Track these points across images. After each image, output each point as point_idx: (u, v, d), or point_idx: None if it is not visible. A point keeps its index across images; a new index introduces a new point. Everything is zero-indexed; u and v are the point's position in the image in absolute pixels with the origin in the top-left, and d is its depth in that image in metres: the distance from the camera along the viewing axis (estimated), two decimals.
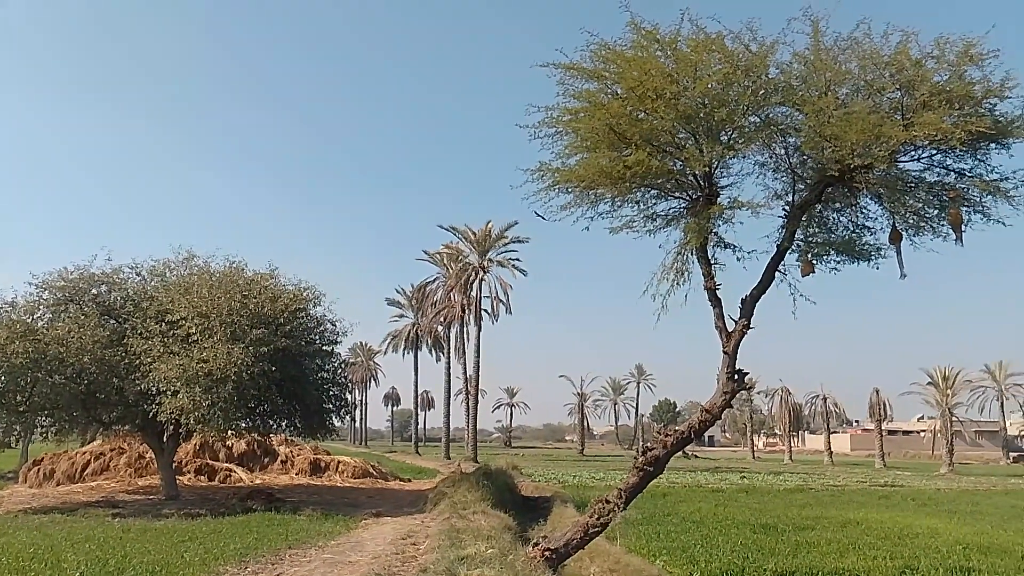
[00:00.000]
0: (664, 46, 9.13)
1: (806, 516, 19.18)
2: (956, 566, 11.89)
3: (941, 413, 62.72)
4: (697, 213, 9.78)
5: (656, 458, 9.98)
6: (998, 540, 15.15)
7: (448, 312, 55.24)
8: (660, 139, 9.45)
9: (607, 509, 9.76)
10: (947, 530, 16.79)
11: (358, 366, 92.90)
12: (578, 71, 9.46)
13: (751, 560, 12.10)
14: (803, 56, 9.28)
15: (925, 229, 9.70)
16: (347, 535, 14.63)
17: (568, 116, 9.70)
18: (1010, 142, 9.06)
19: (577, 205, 10.35)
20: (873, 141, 8.51)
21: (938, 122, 8.19)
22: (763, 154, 10.10)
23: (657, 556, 12.28)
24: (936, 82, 8.71)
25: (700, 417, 10.17)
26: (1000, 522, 18.97)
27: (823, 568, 11.63)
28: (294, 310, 20.13)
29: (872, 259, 10.11)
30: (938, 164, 9.46)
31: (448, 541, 12.00)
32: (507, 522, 14.67)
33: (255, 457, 30.64)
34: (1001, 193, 9.14)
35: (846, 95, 9.17)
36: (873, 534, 15.84)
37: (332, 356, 22.84)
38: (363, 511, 18.62)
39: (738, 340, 9.78)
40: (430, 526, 15.48)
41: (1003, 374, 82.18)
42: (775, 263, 9.93)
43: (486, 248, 53.39)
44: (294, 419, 21.96)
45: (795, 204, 9.98)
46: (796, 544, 14.07)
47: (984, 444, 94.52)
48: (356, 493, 25.02)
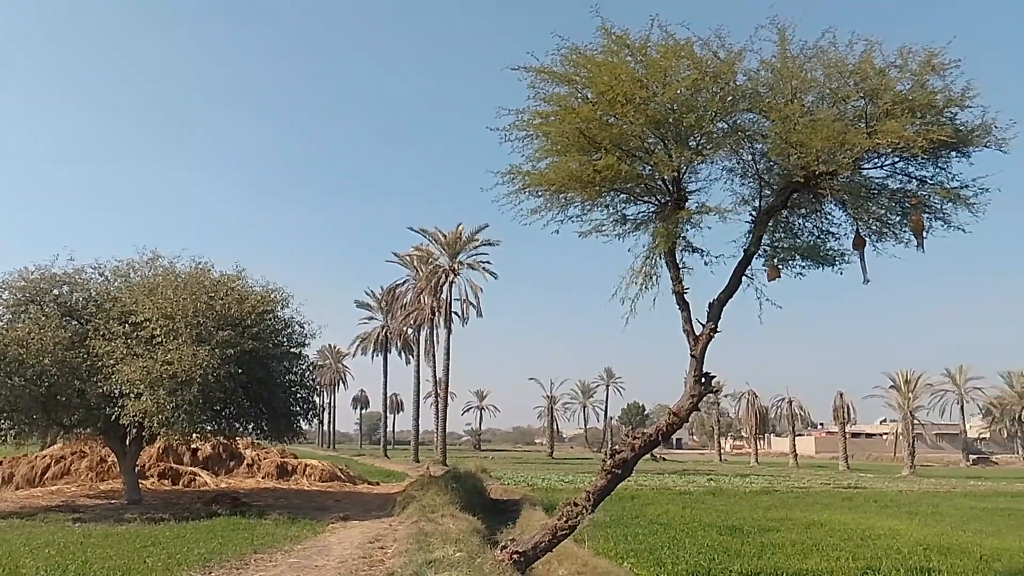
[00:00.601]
0: (634, 51, 9.19)
1: (771, 518, 19.41)
2: (916, 567, 12.09)
3: (903, 416, 63.89)
4: (666, 217, 9.85)
5: (624, 461, 10.02)
6: (957, 541, 15.45)
7: (418, 314, 55.04)
8: (630, 144, 9.51)
9: (575, 512, 9.78)
10: (908, 531, 17.09)
11: (326, 369, 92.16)
12: (549, 75, 9.49)
13: (717, 562, 12.21)
14: (770, 64, 9.41)
15: (888, 235, 9.88)
16: (314, 539, 14.51)
17: (539, 119, 9.72)
18: (970, 150, 9.25)
19: (547, 208, 10.37)
20: (837, 148, 8.65)
21: (901, 130, 8.34)
22: (731, 160, 10.21)
23: (624, 558, 12.34)
24: (899, 91, 8.88)
25: (668, 420, 10.24)
26: (960, 523, 19.36)
27: (787, 569, 11.78)
28: (261, 312, 19.94)
29: (836, 264, 10.28)
30: (900, 171, 9.64)
31: (416, 545, 11.95)
32: (476, 525, 14.65)
33: (220, 460, 30.27)
34: (961, 200, 9.33)
35: (812, 103, 9.30)
36: (836, 535, 16.07)
37: (300, 358, 22.68)
38: (330, 515, 18.47)
39: (705, 344, 9.87)
40: (398, 530, 15.41)
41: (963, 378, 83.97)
42: (742, 268, 10.03)
43: (456, 250, 53.31)
44: (261, 422, 21.76)
45: (762, 209, 10.09)
46: (761, 545, 14.23)
47: (945, 447, 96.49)
48: (323, 497, 24.82)
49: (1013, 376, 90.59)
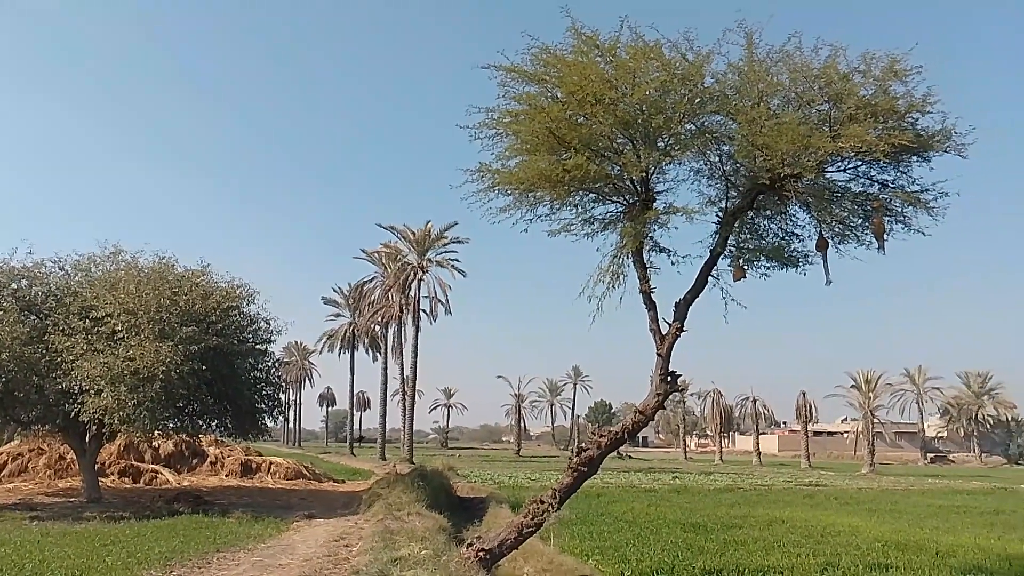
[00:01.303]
0: (604, 52, 9.25)
1: (734, 515, 19.64)
2: (875, 563, 12.33)
3: (863, 415, 65.11)
4: (634, 218, 9.92)
5: (590, 459, 10.09)
6: (914, 537, 15.77)
7: (386, 312, 54.77)
8: (599, 144, 9.58)
9: (541, 509, 9.83)
10: (867, 528, 17.41)
11: (292, 365, 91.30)
12: (519, 74, 9.51)
13: (680, 559, 12.33)
14: (737, 67, 9.53)
15: (850, 237, 10.07)
16: (278, 538, 14.39)
17: (509, 118, 9.74)
18: (930, 155, 9.46)
19: (516, 207, 10.40)
20: (802, 151, 8.79)
21: (864, 134, 8.50)
22: (698, 161, 10.32)
23: (590, 556, 12.41)
24: (862, 96, 9.05)
25: (634, 418, 10.32)
26: (917, 520, 19.77)
27: (749, 565, 11.93)
28: (226, 308, 19.70)
29: (800, 265, 10.46)
30: (863, 175, 9.83)
31: (382, 542, 11.91)
32: (442, 523, 14.63)
33: (183, 458, 29.88)
34: (921, 204, 9.54)
35: (777, 106, 9.44)
36: (798, 532, 16.32)
37: (265, 355, 22.45)
38: (295, 513, 18.33)
39: (671, 343, 9.97)
40: (364, 528, 15.34)
41: (922, 378, 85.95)
42: (708, 268, 10.15)
43: (425, 248, 53.13)
44: (225, 419, 21.52)
45: (728, 211, 10.22)
46: (724, 542, 14.40)
47: (903, 445, 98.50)
48: (288, 495, 24.60)
49: (970, 376, 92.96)
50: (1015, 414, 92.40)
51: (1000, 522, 19.90)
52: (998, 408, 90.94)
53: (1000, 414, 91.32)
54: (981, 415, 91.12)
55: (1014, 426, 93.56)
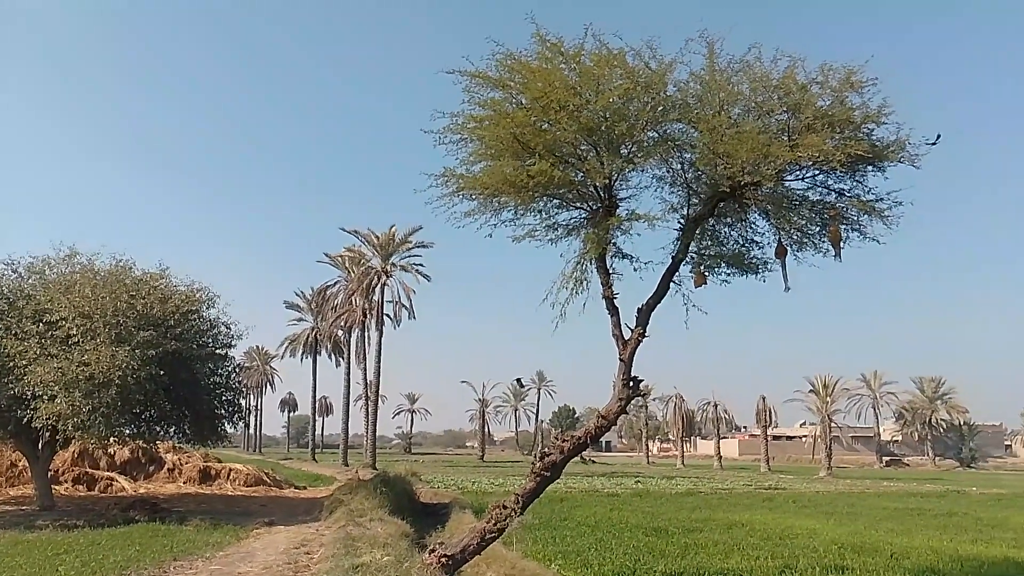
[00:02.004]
0: (568, 59, 9.31)
1: (695, 519, 19.85)
2: (831, 565, 12.54)
3: (821, 419, 66.34)
4: (597, 224, 9.97)
5: (553, 463, 10.11)
6: (870, 540, 16.09)
7: (349, 316, 54.38)
8: (563, 150, 9.62)
9: (504, 515, 9.81)
10: (824, 530, 17.71)
11: (253, 370, 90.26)
12: (484, 79, 9.52)
13: (642, 562, 12.42)
14: (699, 76, 9.64)
15: (808, 245, 10.24)
16: (237, 545, 14.18)
17: (473, 124, 9.73)
18: (885, 165, 9.65)
19: (481, 212, 10.39)
20: (762, 160, 8.92)
21: (821, 144, 8.66)
22: (661, 168, 10.40)
23: (553, 560, 12.45)
24: (820, 106, 9.21)
25: (596, 423, 10.36)
26: (873, 523, 20.17)
27: (709, 568, 12.06)
28: (185, 312, 19.41)
29: (759, 272, 10.59)
30: (820, 184, 10.00)
31: (343, 549, 11.82)
32: (404, 529, 14.57)
33: (139, 465, 29.33)
34: (876, 213, 9.75)
35: (738, 115, 9.56)
36: (757, 535, 16.54)
37: (226, 360, 22.15)
38: (255, 520, 18.08)
39: (634, 348, 10.03)
40: (325, 534, 15.21)
41: (877, 383, 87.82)
42: (670, 274, 10.23)
43: (389, 252, 52.89)
44: (183, 425, 21.16)
45: (689, 217, 10.32)
46: (685, 546, 14.54)
47: (860, 449, 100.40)
48: (248, 502, 24.27)
49: (924, 381, 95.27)
50: (967, 418, 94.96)
51: (952, 524, 20.38)
52: (951, 412, 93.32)
53: (953, 418, 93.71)
54: (935, 419, 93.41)
55: (966, 430, 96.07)
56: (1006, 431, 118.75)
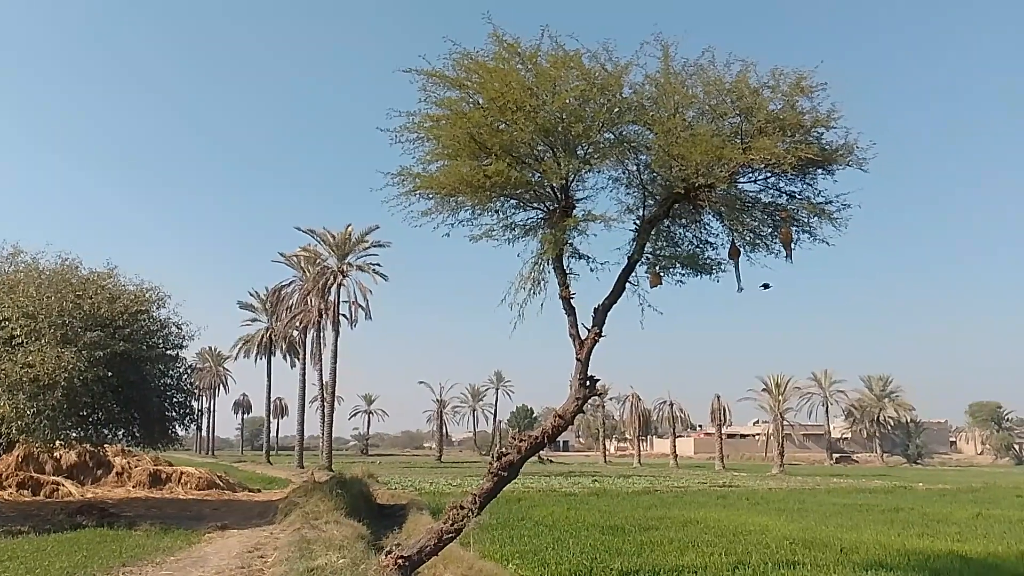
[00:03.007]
0: (525, 60, 9.34)
1: (651, 517, 20.02)
2: (783, 560, 12.75)
3: (774, 418, 67.59)
4: (554, 224, 10.03)
5: (510, 463, 10.13)
6: (820, 535, 16.40)
7: (304, 316, 53.76)
8: (519, 150, 9.65)
9: (461, 515, 9.80)
10: (776, 527, 18.01)
11: (206, 372, 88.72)
12: (441, 79, 9.51)
13: (598, 560, 12.49)
14: (654, 78, 9.76)
15: (760, 246, 10.45)
16: (188, 550, 13.90)
17: (430, 123, 9.73)
18: (834, 168, 9.90)
19: (438, 212, 10.38)
20: (715, 162, 9.07)
21: (772, 147, 8.84)
22: (616, 170, 10.51)
23: (510, 560, 12.45)
24: (771, 110, 9.41)
25: (553, 422, 10.41)
26: (823, 518, 20.57)
27: (665, 565, 12.17)
28: (135, 312, 18.98)
29: (713, 273, 10.77)
30: (772, 186, 10.21)
31: (298, 552, 11.67)
32: (361, 531, 14.44)
33: (87, 469, 28.56)
34: (826, 215, 9.99)
35: (692, 118, 9.70)
36: (711, 532, 16.75)
37: (176, 361, 21.71)
38: (207, 524, 17.74)
39: (590, 348, 10.10)
40: (279, 538, 14.99)
41: (828, 381, 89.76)
42: (626, 274, 10.34)
43: (346, 251, 52.41)
44: (132, 428, 20.67)
45: (645, 219, 10.43)
46: (641, 544, 14.65)
47: (811, 446, 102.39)
48: (200, 505, 23.81)
49: (872, 380, 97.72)
50: (914, 416, 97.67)
51: (899, 519, 20.88)
52: (898, 410, 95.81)
53: (900, 416, 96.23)
54: (882, 417, 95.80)
55: (913, 427, 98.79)
56: (951, 428, 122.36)
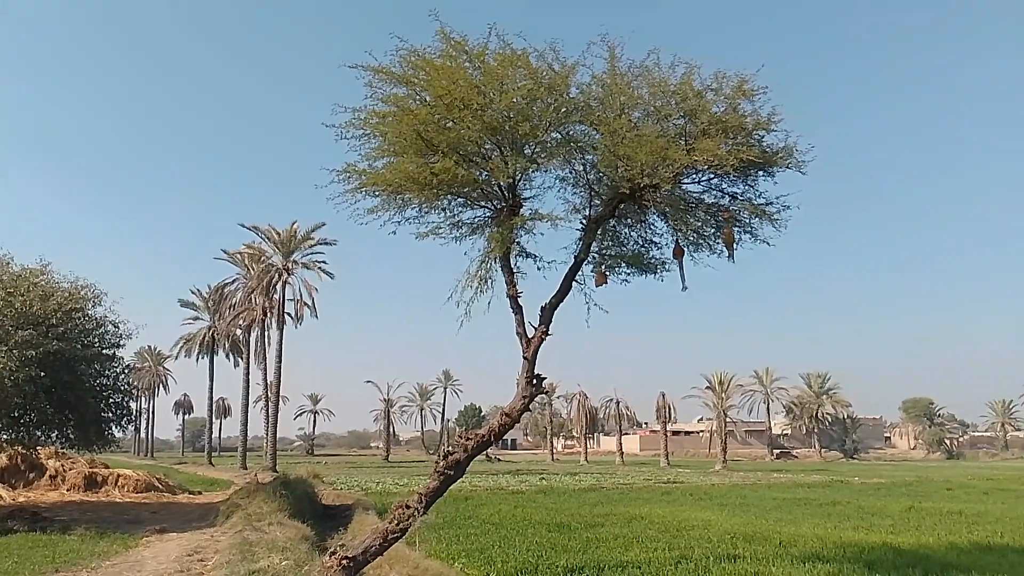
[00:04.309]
0: (472, 58, 9.33)
1: (597, 514, 20.22)
2: (724, 554, 13.01)
3: (717, 415, 68.88)
4: (501, 223, 10.04)
5: (457, 462, 10.09)
6: (761, 529, 16.78)
7: (248, 315, 52.75)
8: (467, 148, 9.63)
9: (407, 514, 9.74)
10: (719, 521, 18.36)
11: (145, 372, 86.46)
12: (387, 75, 9.43)
13: (545, 558, 12.56)
14: (601, 79, 9.86)
15: (703, 246, 10.65)
16: (125, 554, 13.53)
17: (376, 119, 9.64)
18: (775, 170, 10.16)
19: (384, 209, 10.30)
20: (660, 163, 9.20)
21: (715, 149, 9.02)
22: (563, 169, 10.59)
23: (456, 559, 12.43)
24: (714, 112, 9.59)
25: (500, 420, 10.42)
26: (763, 513, 21.05)
27: (610, 561, 12.30)
28: (69, 310, 18.40)
29: (658, 272, 10.95)
30: (715, 187, 10.42)
31: (239, 555, 11.47)
32: (305, 532, 14.27)
33: (18, 472, 27.49)
34: (767, 216, 10.24)
35: (638, 119, 9.82)
36: (655, 528, 16.99)
37: (113, 360, 21.13)
38: (145, 528, 17.28)
39: (537, 346, 10.14)
40: (220, 540, 14.70)
41: (769, 379, 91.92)
42: (572, 273, 10.42)
43: (291, 249, 51.58)
44: (66, 430, 20.04)
45: (591, 218, 10.53)
46: (587, 540, 14.79)
47: (753, 442, 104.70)
48: (138, 509, 23.18)
49: (811, 377, 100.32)
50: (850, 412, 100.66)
51: (836, 512, 21.49)
52: (835, 407, 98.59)
53: (837, 412, 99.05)
54: (821, 413, 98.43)
55: (849, 423, 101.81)
56: (885, 424, 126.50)
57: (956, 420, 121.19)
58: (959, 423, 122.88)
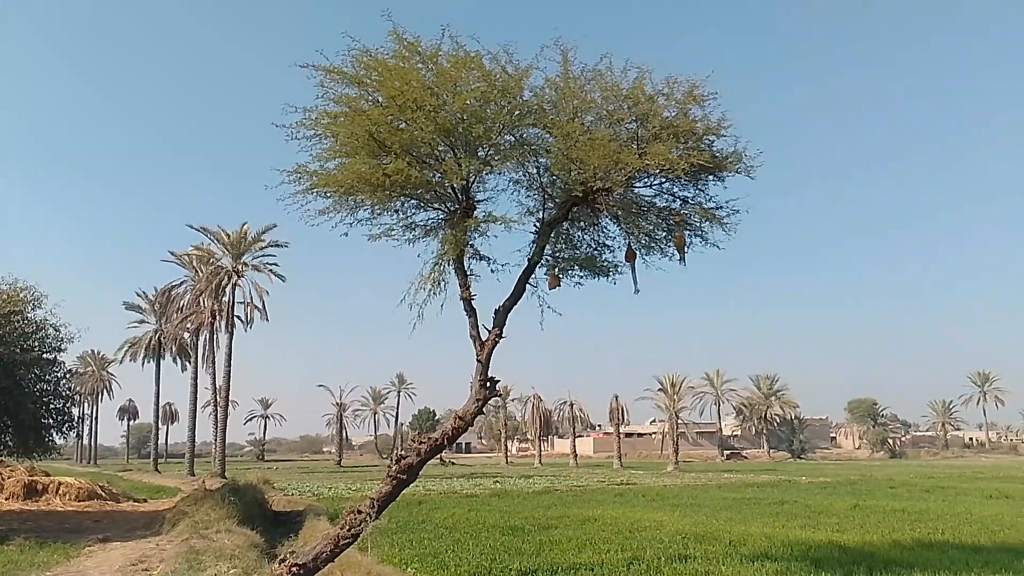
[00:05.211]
0: (425, 59, 9.30)
1: (551, 516, 20.26)
2: (676, 554, 13.14)
3: (669, 417, 69.71)
4: (454, 225, 10.02)
5: (410, 466, 10.02)
6: (711, 529, 17.01)
7: (197, 318, 51.67)
8: (420, 150, 9.59)
9: (358, 520, 9.63)
10: (670, 522, 18.55)
11: (88, 376, 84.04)
12: (339, 75, 9.34)
13: (498, 561, 12.53)
14: (554, 82, 9.91)
15: (655, 249, 10.79)
16: (66, 564, 13.14)
17: (328, 120, 9.54)
18: (724, 175, 10.35)
19: (336, 210, 10.20)
20: (612, 166, 9.28)
21: (667, 153, 9.13)
22: (517, 172, 10.64)
23: (409, 563, 12.34)
24: (666, 117, 9.72)
25: (453, 424, 10.38)
26: (713, 513, 21.34)
27: (563, 563, 12.33)
28: (7, 313, 17.91)
29: (611, 275, 11.04)
30: (667, 191, 10.57)
31: (186, 564, 11.21)
32: (254, 539, 14.02)
33: None
34: (716, 220, 10.42)
35: (591, 122, 9.90)
36: (608, 529, 17.09)
37: (54, 365, 20.55)
38: (88, 537, 16.80)
39: (491, 349, 10.13)
40: (166, 549, 14.37)
41: (720, 381, 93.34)
42: (526, 276, 10.44)
43: (241, 251, 50.66)
44: (4, 436, 19.48)
45: (545, 221, 10.58)
46: (540, 543, 14.80)
47: (704, 443, 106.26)
48: (80, 517, 22.52)
49: (760, 379, 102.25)
50: (798, 412, 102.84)
51: (784, 511, 21.89)
52: (784, 408, 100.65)
53: (785, 413, 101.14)
54: (769, 414, 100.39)
55: (797, 423, 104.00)
56: (831, 424, 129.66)
57: (899, 420, 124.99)
58: (901, 423, 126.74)
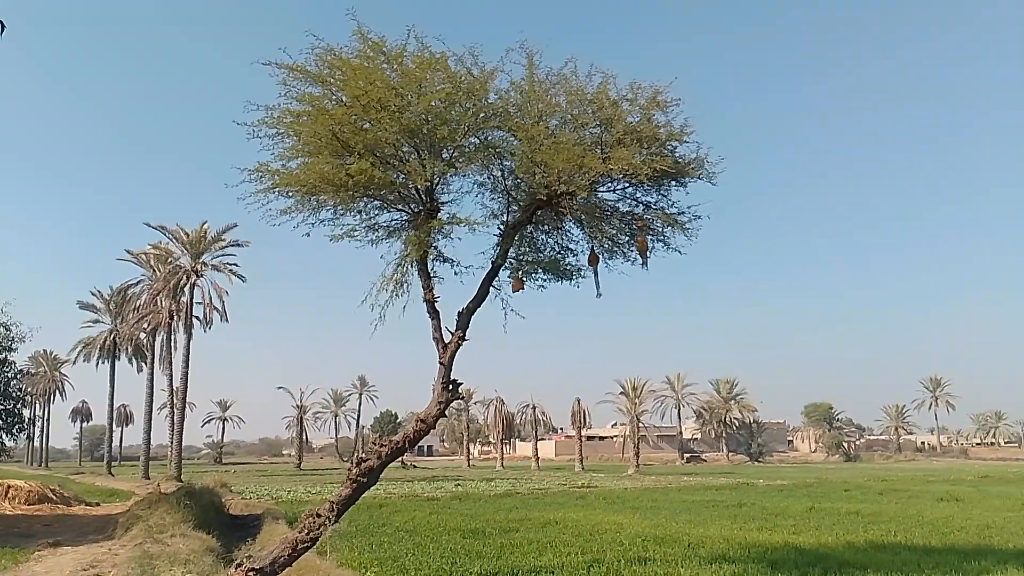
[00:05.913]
0: (390, 59, 9.25)
1: (512, 519, 20.25)
2: (635, 556, 13.23)
3: (631, 420, 70.24)
4: (418, 226, 9.98)
5: (370, 469, 9.95)
6: (670, 531, 17.15)
7: (154, 318, 50.68)
8: (383, 150, 9.54)
9: (317, 523, 9.53)
10: (630, 525, 18.66)
11: (40, 377, 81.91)
12: (302, 73, 9.24)
13: (459, 564, 12.49)
14: (519, 86, 9.94)
15: (618, 254, 10.87)
16: (15, 570, 12.78)
17: (290, 118, 9.44)
18: (687, 181, 10.45)
19: (298, 210, 10.09)
20: (576, 170, 9.35)
21: (630, 158, 9.20)
22: (482, 174, 10.63)
23: (368, 567, 12.23)
24: (630, 122, 9.80)
25: (415, 426, 10.33)
26: (673, 515, 21.52)
27: (523, 566, 12.33)
28: None
29: (574, 279, 11.11)
30: (630, 196, 10.65)
31: (139, 569, 11.01)
32: (210, 544, 13.79)
33: None
34: (679, 225, 10.53)
35: (556, 126, 9.95)
36: (569, 532, 17.14)
37: (5, 365, 20.10)
38: (37, 541, 16.35)
39: (454, 351, 10.10)
40: (119, 554, 14.05)
41: (680, 384, 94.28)
42: (490, 279, 10.44)
43: (200, 250, 49.85)
44: None
45: (509, 224, 10.60)
46: (501, 546, 14.78)
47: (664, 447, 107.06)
48: (30, 521, 21.92)
49: (720, 383, 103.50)
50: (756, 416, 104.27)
51: (742, 514, 22.16)
52: (742, 411, 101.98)
53: (744, 416, 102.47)
54: (728, 418, 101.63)
55: (755, 427, 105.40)
56: (788, 428, 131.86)
57: (853, 424, 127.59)
58: (856, 427, 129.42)
